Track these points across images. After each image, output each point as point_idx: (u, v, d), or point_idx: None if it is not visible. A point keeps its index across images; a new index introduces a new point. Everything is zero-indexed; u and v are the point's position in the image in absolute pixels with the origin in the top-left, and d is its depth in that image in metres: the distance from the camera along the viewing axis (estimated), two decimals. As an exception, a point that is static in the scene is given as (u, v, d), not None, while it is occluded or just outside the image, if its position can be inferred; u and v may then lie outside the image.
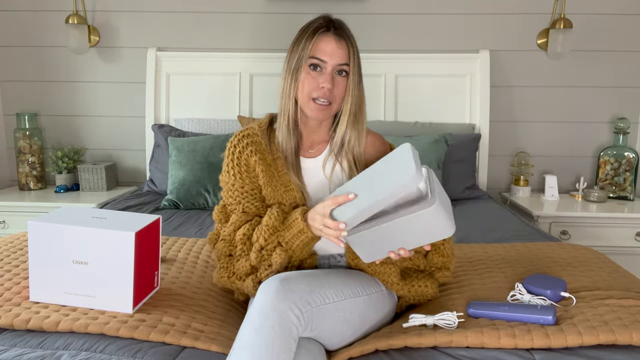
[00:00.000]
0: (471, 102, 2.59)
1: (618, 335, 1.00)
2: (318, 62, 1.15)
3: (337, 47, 1.16)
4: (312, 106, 1.17)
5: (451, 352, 0.99)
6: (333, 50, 1.15)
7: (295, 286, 0.98)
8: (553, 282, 1.21)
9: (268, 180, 1.19)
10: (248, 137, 1.23)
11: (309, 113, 1.18)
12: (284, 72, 1.20)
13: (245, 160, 1.21)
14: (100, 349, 1.00)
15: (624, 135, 2.51)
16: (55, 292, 1.14)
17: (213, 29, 2.64)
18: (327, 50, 1.15)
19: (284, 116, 1.20)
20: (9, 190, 2.61)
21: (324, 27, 1.17)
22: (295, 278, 1.02)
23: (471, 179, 2.43)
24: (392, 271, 1.17)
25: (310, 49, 1.16)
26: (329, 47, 1.15)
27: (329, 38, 1.16)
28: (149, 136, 2.61)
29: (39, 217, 1.14)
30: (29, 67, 2.70)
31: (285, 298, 0.95)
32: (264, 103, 2.61)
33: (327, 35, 1.16)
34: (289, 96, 1.19)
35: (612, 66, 2.59)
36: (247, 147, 1.21)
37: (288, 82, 1.19)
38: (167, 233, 1.82)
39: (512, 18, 2.59)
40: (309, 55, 1.16)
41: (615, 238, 2.29)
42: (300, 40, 1.18)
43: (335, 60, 1.15)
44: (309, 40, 1.16)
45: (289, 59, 1.19)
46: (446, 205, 0.99)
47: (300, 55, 1.17)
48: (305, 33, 1.18)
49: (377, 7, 2.59)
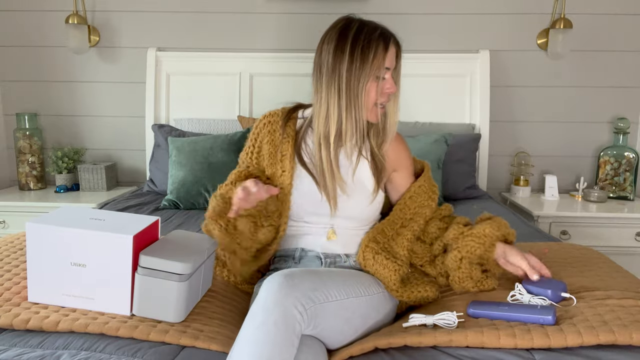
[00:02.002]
0: (471, 102, 2.59)
1: (618, 335, 1.00)
2: (387, 71, 1.18)
3: (395, 54, 1.20)
4: (376, 111, 1.21)
5: (451, 352, 0.99)
6: (393, 59, 1.20)
7: (299, 282, 0.98)
8: (553, 283, 1.21)
9: (271, 161, 1.25)
10: (271, 116, 1.30)
11: (373, 118, 1.21)
12: (345, 83, 1.16)
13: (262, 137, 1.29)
14: (100, 348, 0.99)
15: (624, 135, 2.51)
16: (53, 293, 1.14)
17: (213, 29, 2.64)
18: (391, 59, 1.19)
19: (351, 125, 1.19)
20: (9, 190, 2.62)
21: (389, 39, 1.19)
22: (299, 275, 1.02)
23: (471, 179, 2.43)
24: (393, 278, 1.18)
25: (382, 61, 1.17)
26: (393, 56, 1.19)
27: (393, 48, 1.19)
28: (149, 136, 2.61)
29: (37, 219, 1.14)
30: (29, 67, 2.70)
31: (289, 294, 0.94)
32: (264, 103, 2.61)
33: (392, 46, 1.19)
34: (359, 107, 1.18)
35: (612, 66, 2.59)
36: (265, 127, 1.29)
37: (355, 92, 1.17)
38: (167, 233, 1.82)
39: (512, 18, 2.59)
40: (383, 67, 1.17)
41: (615, 238, 2.29)
42: (367, 52, 1.15)
43: (394, 65, 1.20)
44: (385, 55, 1.16)
45: (354, 70, 1.15)
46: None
47: (370, 66, 1.15)
48: (374, 46, 1.15)
49: (377, 7, 2.59)
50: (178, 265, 1.08)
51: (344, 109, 1.18)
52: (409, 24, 2.60)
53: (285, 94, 2.56)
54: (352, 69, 1.15)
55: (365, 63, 1.15)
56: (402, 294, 1.19)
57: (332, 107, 1.18)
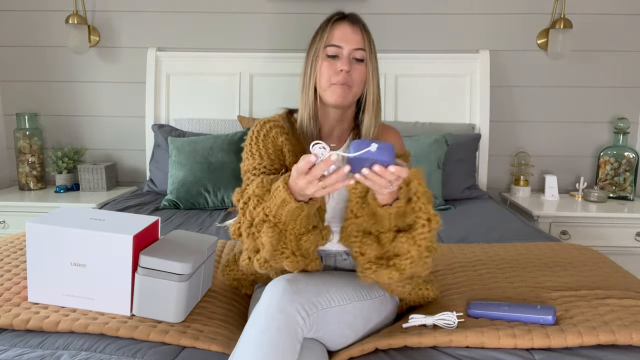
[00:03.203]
0: (471, 102, 2.59)
1: (618, 335, 1.00)
2: (335, 49, 1.16)
3: (351, 31, 1.17)
4: (333, 89, 1.16)
5: (451, 352, 0.99)
6: (348, 36, 1.16)
7: (303, 288, 0.98)
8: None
9: (295, 156, 1.17)
10: (271, 122, 1.21)
11: (330, 98, 1.16)
12: (303, 67, 1.21)
13: (272, 140, 1.18)
14: (100, 349, 0.99)
15: (624, 135, 2.51)
16: (53, 293, 1.14)
17: (213, 29, 2.64)
18: (342, 36, 1.16)
19: (305, 108, 1.19)
20: (9, 190, 2.61)
21: (337, 16, 1.19)
22: (303, 279, 1.01)
23: (471, 179, 2.43)
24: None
25: (326, 37, 1.17)
26: (344, 33, 1.16)
27: (344, 24, 1.17)
28: (149, 136, 2.61)
29: (37, 219, 1.14)
30: (29, 67, 2.70)
31: (292, 299, 0.94)
32: (264, 103, 2.61)
33: (341, 22, 1.18)
34: (308, 87, 1.19)
35: (612, 66, 2.59)
36: (272, 129, 1.19)
37: (308, 74, 1.19)
38: (167, 233, 1.82)
39: (512, 18, 2.59)
40: (325, 44, 1.17)
41: (615, 238, 2.29)
42: (317, 33, 1.20)
43: (351, 45, 1.16)
44: (325, 30, 1.18)
45: (307, 53, 1.20)
46: None
47: (317, 46, 1.18)
48: (321, 26, 1.20)
49: (377, 7, 2.59)
50: (178, 265, 1.08)
51: (300, 91, 1.20)
52: (409, 24, 2.60)
53: (285, 94, 2.57)
54: (309, 47, 1.20)
55: (314, 40, 1.19)
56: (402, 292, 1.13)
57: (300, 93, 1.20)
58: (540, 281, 1.31)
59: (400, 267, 1.01)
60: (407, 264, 1.00)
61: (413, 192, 0.99)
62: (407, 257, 1.00)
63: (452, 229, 1.88)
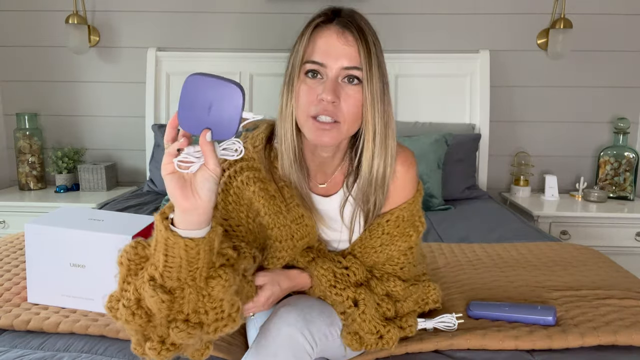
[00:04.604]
0: (471, 102, 2.59)
1: (619, 335, 1.00)
2: (316, 66, 0.84)
3: (340, 43, 0.83)
4: (311, 125, 0.84)
5: (452, 354, 0.99)
6: (335, 48, 0.83)
7: (316, 317, 0.92)
8: None
9: (274, 216, 0.90)
10: (241, 161, 0.91)
11: (308, 136, 0.86)
12: (281, 87, 0.90)
13: (236, 190, 0.89)
14: (100, 350, 0.99)
15: (624, 135, 2.51)
16: (52, 294, 1.14)
17: (213, 29, 2.64)
18: (326, 49, 0.83)
19: (284, 145, 0.90)
20: (9, 190, 2.61)
21: (322, 18, 0.86)
22: (316, 307, 0.95)
23: (471, 179, 2.43)
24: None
25: (304, 49, 0.85)
26: (329, 44, 0.83)
27: (329, 32, 0.84)
28: (149, 136, 2.61)
29: (36, 220, 1.14)
30: (29, 67, 2.69)
31: (304, 329, 0.87)
32: (264, 103, 2.61)
33: (327, 29, 0.85)
34: (286, 116, 0.88)
35: (612, 66, 2.59)
36: (239, 174, 0.90)
37: (285, 100, 0.88)
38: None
39: (512, 18, 2.58)
40: (303, 59, 0.85)
41: (615, 238, 2.29)
42: (295, 42, 0.89)
43: (339, 61, 0.83)
44: (303, 38, 0.86)
45: (286, 69, 0.90)
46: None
47: (293, 61, 0.87)
48: (301, 31, 0.88)
49: (376, 7, 2.58)
50: None
51: (277, 119, 0.90)
52: (409, 23, 2.60)
53: (285, 94, 2.56)
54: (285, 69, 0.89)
55: (291, 53, 0.88)
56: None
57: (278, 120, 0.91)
58: (541, 281, 1.31)
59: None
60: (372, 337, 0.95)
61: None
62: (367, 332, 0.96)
63: (452, 229, 1.87)
